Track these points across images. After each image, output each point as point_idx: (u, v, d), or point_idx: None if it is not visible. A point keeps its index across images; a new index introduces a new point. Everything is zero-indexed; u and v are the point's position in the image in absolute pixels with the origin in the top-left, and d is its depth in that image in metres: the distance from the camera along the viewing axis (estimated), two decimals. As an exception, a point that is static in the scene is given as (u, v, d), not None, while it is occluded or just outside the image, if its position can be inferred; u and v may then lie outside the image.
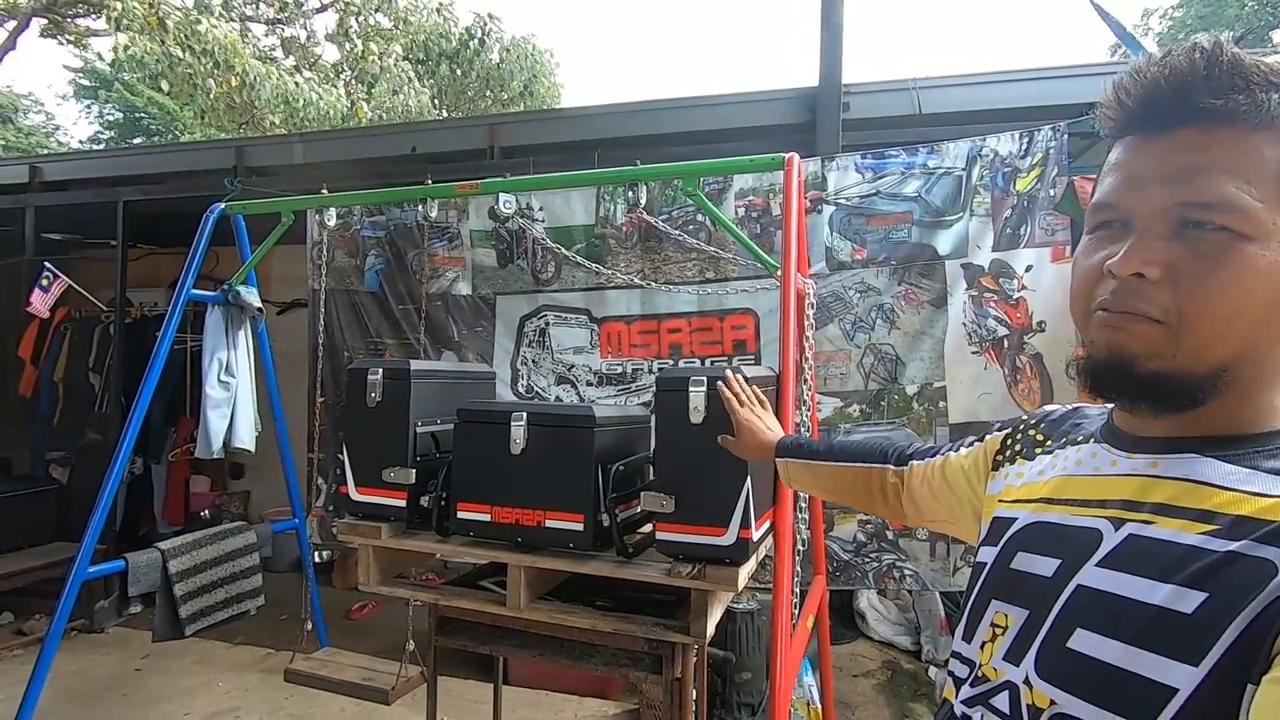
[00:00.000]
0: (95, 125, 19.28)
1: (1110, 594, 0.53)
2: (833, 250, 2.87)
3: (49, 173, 4.33)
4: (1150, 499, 0.55)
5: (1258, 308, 0.51)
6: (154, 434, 4.78)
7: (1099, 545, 0.56)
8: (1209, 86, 0.51)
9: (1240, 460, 0.53)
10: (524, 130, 3.56)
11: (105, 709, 3.05)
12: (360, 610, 4.11)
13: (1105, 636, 0.51)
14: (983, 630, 0.63)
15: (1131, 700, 0.48)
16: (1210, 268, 0.51)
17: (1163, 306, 0.53)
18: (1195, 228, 0.52)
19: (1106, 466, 0.61)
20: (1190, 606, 0.48)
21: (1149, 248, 0.53)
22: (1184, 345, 0.53)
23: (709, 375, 1.59)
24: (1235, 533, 0.49)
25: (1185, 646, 0.47)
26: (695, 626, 1.58)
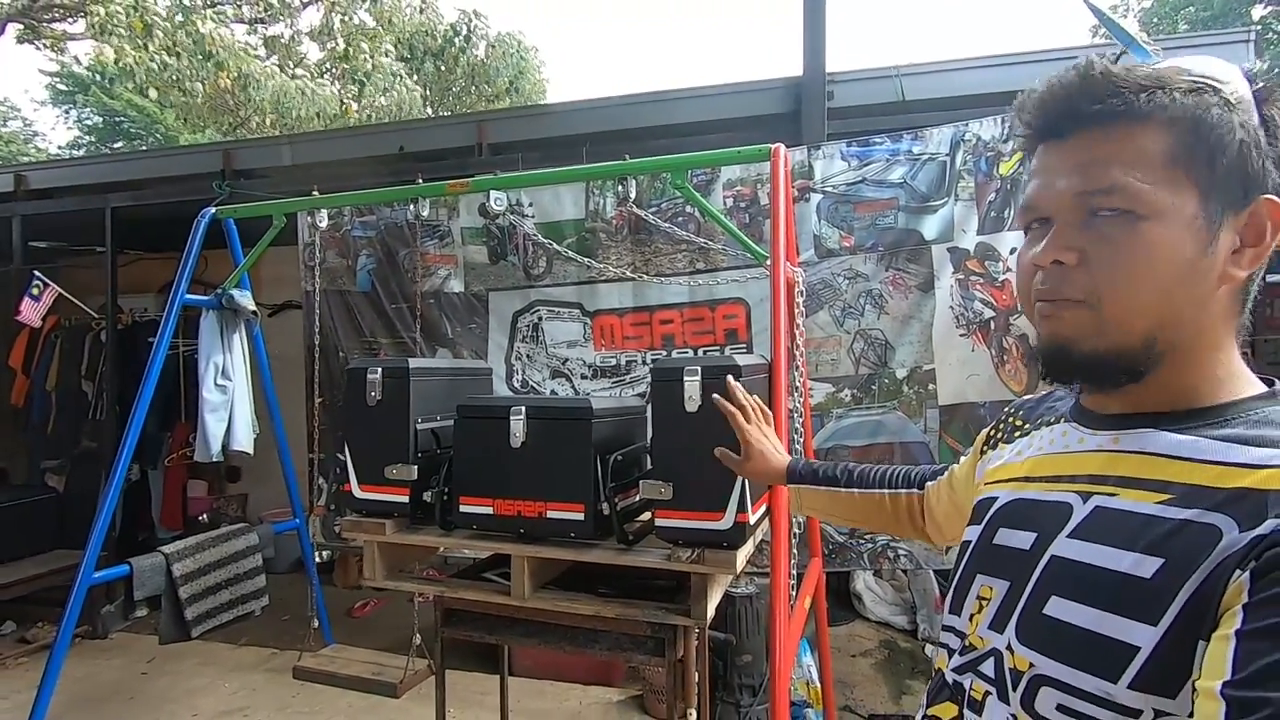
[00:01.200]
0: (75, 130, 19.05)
1: (1080, 563, 0.57)
2: (821, 238, 2.91)
3: (35, 180, 4.31)
4: (1114, 472, 0.60)
5: (1163, 277, 0.57)
6: (149, 440, 4.77)
7: (1070, 517, 0.60)
8: (1089, 95, 0.59)
9: (1191, 431, 0.57)
10: (512, 126, 3.58)
11: (113, 713, 3.07)
12: (362, 608, 4.15)
13: (1076, 602, 0.56)
14: (970, 603, 0.68)
15: (1100, 659, 0.53)
16: (1115, 247, 0.57)
17: (1083, 287, 0.59)
18: (1100, 214, 0.58)
19: (1075, 444, 0.66)
20: (1149, 572, 0.52)
21: (1064, 236, 0.60)
22: (1107, 321, 0.58)
23: (703, 366, 1.63)
24: (1187, 501, 0.54)
25: (1145, 608, 0.52)
26: (696, 609, 1.62)
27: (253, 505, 5.37)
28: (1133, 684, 0.51)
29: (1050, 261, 0.60)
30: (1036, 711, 0.57)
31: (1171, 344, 0.58)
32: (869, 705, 2.96)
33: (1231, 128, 0.56)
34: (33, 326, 4.07)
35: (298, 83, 7.95)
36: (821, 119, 3.06)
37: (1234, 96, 0.57)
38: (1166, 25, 13.02)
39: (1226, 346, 0.60)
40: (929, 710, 0.70)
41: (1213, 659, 0.47)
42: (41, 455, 4.81)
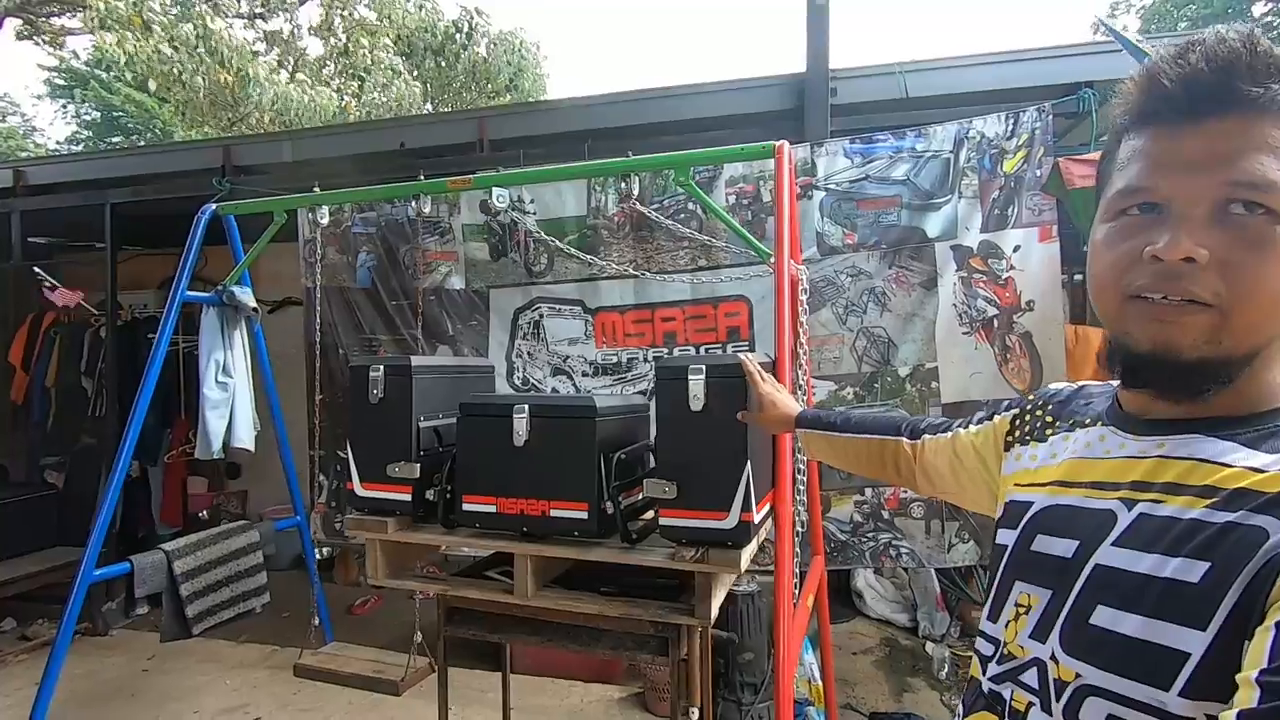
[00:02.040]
0: (73, 125, 19.00)
1: (1126, 571, 0.56)
2: (824, 235, 2.90)
3: (33, 176, 4.28)
4: (1159, 479, 0.58)
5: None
6: (149, 436, 4.76)
7: (1114, 526, 0.59)
8: (1251, 74, 0.53)
9: (1241, 439, 0.56)
10: (513, 123, 3.56)
11: (114, 710, 3.07)
12: (362, 606, 4.14)
13: (1123, 610, 0.55)
14: (1008, 610, 0.66)
15: (1150, 667, 0.52)
16: (1257, 252, 0.53)
17: (1213, 290, 0.54)
18: (1241, 210, 0.53)
19: (1116, 449, 0.64)
20: (1196, 576, 0.51)
21: (1196, 231, 0.54)
22: (1232, 330, 0.54)
23: (707, 364, 1.62)
24: (1233, 505, 0.52)
25: (1193, 613, 0.50)
26: (700, 608, 1.61)
27: (253, 502, 5.36)
28: (1184, 691, 0.50)
29: (1182, 257, 0.54)
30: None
31: (1264, 357, 0.57)
32: (870, 703, 2.96)
33: None
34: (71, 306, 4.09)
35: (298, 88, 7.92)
36: (825, 116, 3.05)
37: None
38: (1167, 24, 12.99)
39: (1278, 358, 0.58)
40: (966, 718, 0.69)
41: (1255, 651, 0.46)
42: (41, 452, 4.79)
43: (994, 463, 0.84)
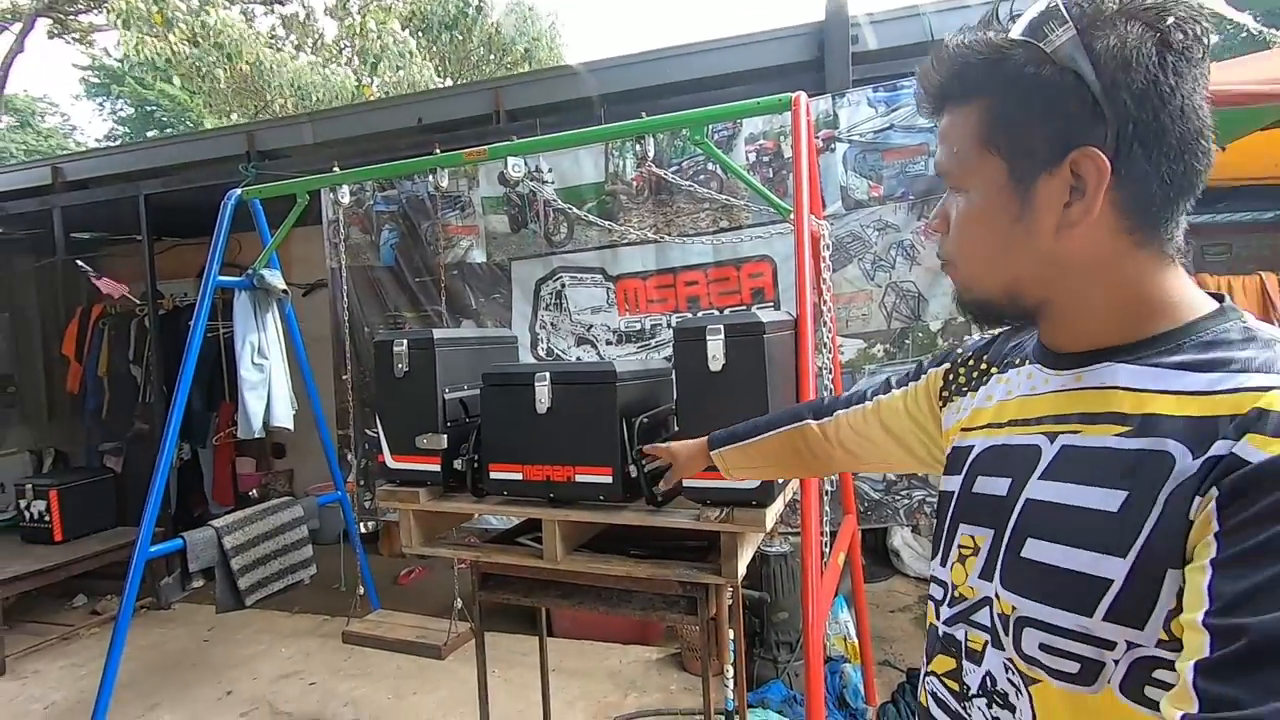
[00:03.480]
0: (110, 122, 19.48)
1: (1052, 503, 0.59)
2: (848, 189, 2.82)
3: (70, 172, 4.41)
4: (1076, 410, 0.61)
5: (987, 244, 0.62)
6: (197, 420, 4.95)
7: (1039, 459, 0.62)
8: (938, 77, 0.62)
9: (1146, 361, 0.58)
10: (528, 91, 3.52)
11: (180, 677, 3.24)
12: (407, 576, 4.28)
13: (1050, 542, 0.57)
14: (953, 553, 0.69)
15: (1075, 595, 0.54)
16: (956, 219, 0.64)
17: (946, 251, 0.67)
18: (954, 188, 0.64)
19: (1041, 385, 0.66)
20: (1116, 505, 0.54)
21: (940, 207, 0.67)
22: (967, 278, 0.66)
23: (726, 324, 1.60)
24: (1144, 430, 0.55)
25: (1114, 541, 0.53)
26: (726, 568, 1.62)
27: (299, 480, 5.55)
28: (1107, 616, 0.52)
29: (934, 230, 0.68)
30: (1024, 652, 0.58)
31: (1042, 296, 0.62)
32: (908, 659, 2.96)
33: (1037, 88, 0.56)
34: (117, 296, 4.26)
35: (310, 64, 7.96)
36: (846, 65, 2.94)
37: (1054, 44, 0.55)
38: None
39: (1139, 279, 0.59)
40: (929, 668, 0.71)
41: (1192, 591, 0.48)
42: (98, 438, 5.02)
43: (931, 422, 0.87)
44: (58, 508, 3.83)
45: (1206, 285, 2.67)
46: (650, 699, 2.82)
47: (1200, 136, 0.55)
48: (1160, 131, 0.54)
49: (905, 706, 2.58)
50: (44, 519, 3.83)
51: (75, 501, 3.93)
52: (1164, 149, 0.54)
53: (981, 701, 0.64)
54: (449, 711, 2.83)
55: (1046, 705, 0.58)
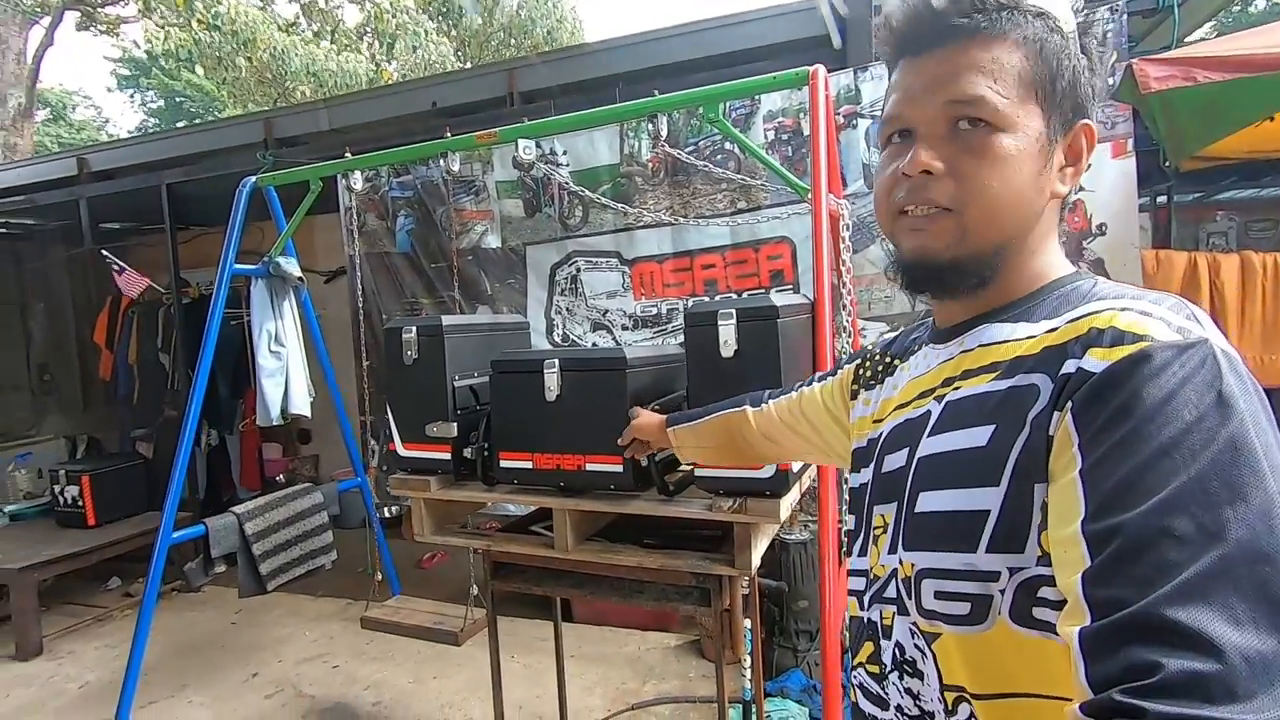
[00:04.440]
0: (140, 114, 19.83)
1: (936, 454, 0.62)
2: (871, 167, 2.73)
3: (95, 163, 4.47)
4: (960, 370, 0.64)
5: (1016, 188, 0.60)
6: (224, 406, 5.03)
7: (929, 422, 0.64)
8: (956, 9, 0.61)
9: (1017, 317, 0.62)
10: (542, 73, 3.46)
11: (208, 658, 3.31)
12: (430, 560, 4.31)
13: (936, 490, 0.60)
14: (873, 540, 0.70)
15: (960, 534, 0.56)
16: (978, 158, 0.60)
17: (949, 195, 0.61)
18: (966, 126, 0.61)
19: (934, 361, 0.69)
20: (985, 439, 0.57)
21: (931, 147, 0.62)
22: (968, 229, 0.61)
23: (738, 308, 1.54)
24: (1011, 371, 0.58)
25: (986, 473, 0.55)
26: (740, 559, 1.58)
27: (324, 465, 5.62)
28: (989, 547, 0.54)
29: (920, 171, 0.62)
30: (924, 608, 0.59)
31: (1014, 250, 0.63)
32: (932, 649, 2.90)
33: (1069, 54, 0.61)
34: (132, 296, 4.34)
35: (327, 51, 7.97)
36: (868, 37, 2.83)
37: (1065, 26, 0.61)
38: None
39: (1049, 249, 0.65)
40: (854, 660, 0.71)
41: (1063, 503, 0.49)
42: (130, 425, 5.12)
43: (844, 415, 0.90)
44: (90, 493, 3.92)
45: (1251, 262, 2.53)
46: (668, 686, 2.80)
47: None
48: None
49: (928, 697, 2.53)
50: (77, 504, 3.92)
51: (107, 487, 4.02)
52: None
53: (895, 675, 0.65)
54: (468, 696, 2.84)
55: (948, 659, 0.58)
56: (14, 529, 4.12)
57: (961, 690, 0.57)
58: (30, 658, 3.43)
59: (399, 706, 2.82)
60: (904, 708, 0.63)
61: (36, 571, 3.52)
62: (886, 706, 0.66)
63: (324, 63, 8.23)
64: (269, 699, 2.93)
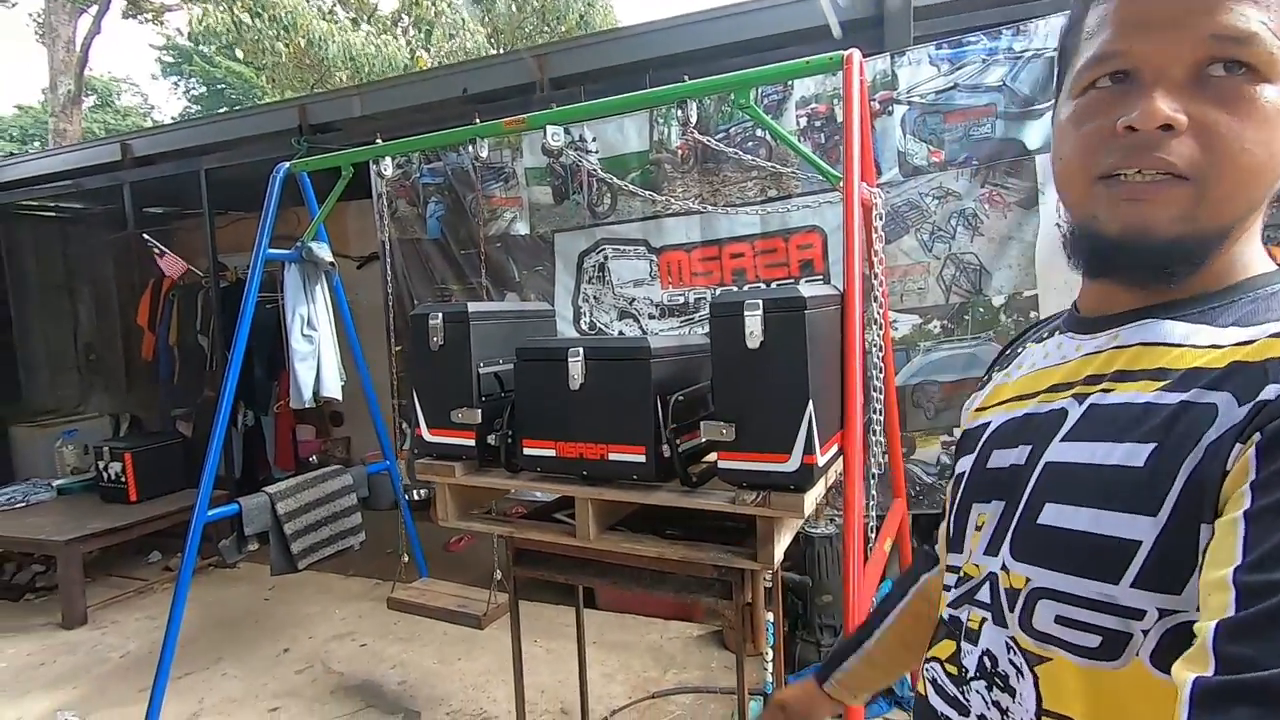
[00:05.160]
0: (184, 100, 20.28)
1: (1073, 464, 0.53)
2: (906, 154, 2.66)
3: (138, 148, 4.57)
4: (1111, 369, 0.55)
5: (1274, 156, 0.48)
6: (259, 388, 5.14)
7: (1064, 422, 0.55)
8: None
9: (1196, 318, 0.52)
10: (571, 58, 3.43)
11: (241, 632, 3.41)
12: (457, 543, 4.37)
13: (1070, 505, 0.52)
14: (968, 537, 0.63)
15: (1099, 561, 0.49)
16: (1239, 115, 0.47)
17: (1190, 160, 0.48)
18: (1220, 72, 0.47)
19: (1071, 352, 0.60)
20: (1142, 459, 0.48)
21: (1173, 96, 0.48)
22: (1209, 204, 0.49)
23: (764, 298, 1.51)
24: (1184, 384, 0.48)
25: (1142, 499, 0.47)
26: (762, 553, 1.56)
27: (356, 446, 5.73)
28: (1135, 582, 0.47)
29: (1159, 124, 0.48)
30: (1035, 628, 0.53)
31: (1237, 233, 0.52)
32: (960, 648, 2.85)
33: None
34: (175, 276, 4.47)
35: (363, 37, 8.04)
36: (907, 20, 2.75)
37: None
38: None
39: (1254, 236, 0.54)
40: (930, 653, 0.66)
41: (1221, 545, 0.42)
42: (170, 404, 5.27)
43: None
44: (132, 470, 4.05)
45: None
46: (690, 675, 2.80)
47: None
48: None
49: (954, 697, 2.49)
50: (120, 480, 4.06)
51: (148, 464, 4.16)
52: None
53: (980, 684, 0.58)
54: (491, 678, 2.88)
55: (1056, 685, 0.52)
56: (61, 503, 4.29)
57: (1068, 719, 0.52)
58: (75, 626, 3.57)
59: (424, 686, 2.87)
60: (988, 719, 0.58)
61: (82, 544, 3.66)
62: (966, 713, 0.60)
63: (363, 47, 8.30)
64: (299, 674, 3.01)
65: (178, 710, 2.73)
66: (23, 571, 4.16)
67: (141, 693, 2.67)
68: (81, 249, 5.73)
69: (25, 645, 3.42)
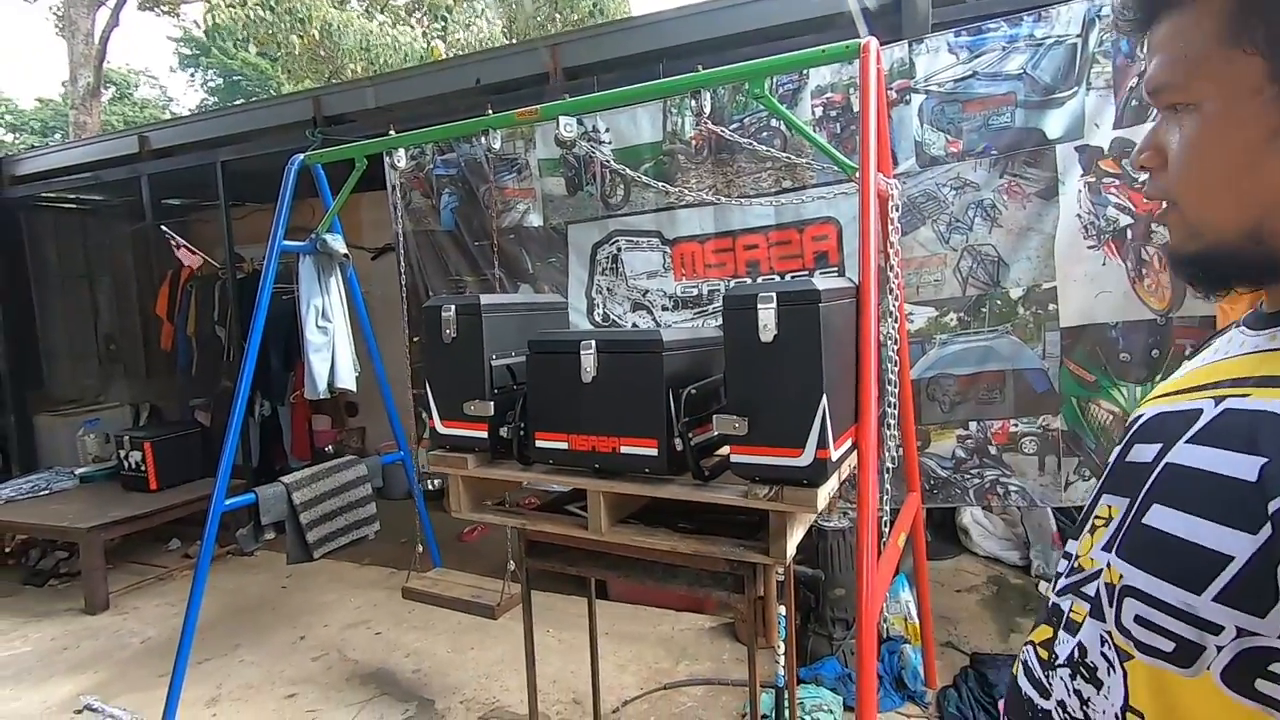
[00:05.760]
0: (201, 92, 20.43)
1: (1191, 468, 0.51)
2: (923, 144, 2.62)
3: (155, 140, 4.62)
4: (1258, 372, 0.52)
5: (1230, 166, 0.51)
6: (276, 378, 5.19)
7: (1195, 423, 0.53)
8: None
9: None
10: (585, 48, 3.41)
11: (258, 619, 3.46)
12: (471, 533, 4.40)
13: (1173, 509, 0.51)
14: (1088, 525, 0.62)
15: (1186, 568, 0.48)
16: (1182, 143, 0.54)
17: (1164, 190, 0.55)
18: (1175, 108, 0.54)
19: (1235, 348, 0.58)
20: (1254, 473, 0.45)
21: (1150, 135, 0.56)
22: (1196, 221, 0.54)
23: (778, 291, 1.50)
24: None
25: (1244, 514, 0.45)
26: (775, 548, 1.55)
27: (371, 437, 5.78)
28: (1218, 596, 0.46)
29: (1139, 167, 0.58)
30: (1122, 625, 0.53)
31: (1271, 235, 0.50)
32: (973, 642, 2.84)
33: None
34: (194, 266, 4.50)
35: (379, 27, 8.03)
36: (925, 7, 2.71)
37: None
38: None
39: None
40: (1029, 637, 0.66)
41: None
42: (189, 394, 5.34)
43: None
44: (152, 459, 4.11)
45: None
46: (701, 667, 2.81)
47: None
48: None
49: (968, 691, 2.47)
50: (140, 468, 4.12)
51: (167, 453, 4.21)
52: None
53: (1065, 672, 0.59)
54: (505, 668, 2.90)
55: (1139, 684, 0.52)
56: (83, 491, 4.36)
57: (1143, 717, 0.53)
58: (98, 612, 3.64)
59: (438, 675, 2.89)
60: (1067, 706, 0.59)
61: (104, 531, 3.72)
62: (1047, 696, 0.61)
63: (378, 37, 8.30)
64: (315, 661, 3.05)
65: (197, 695, 2.78)
66: (47, 558, 4.25)
67: (161, 678, 2.72)
68: (101, 240, 5.81)
69: (49, 630, 3.49)
